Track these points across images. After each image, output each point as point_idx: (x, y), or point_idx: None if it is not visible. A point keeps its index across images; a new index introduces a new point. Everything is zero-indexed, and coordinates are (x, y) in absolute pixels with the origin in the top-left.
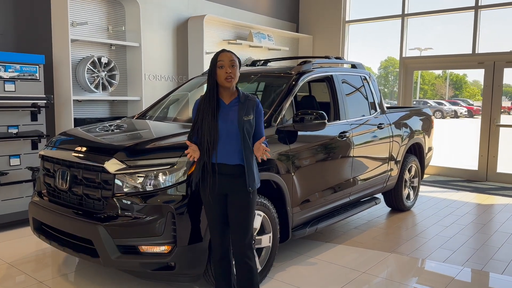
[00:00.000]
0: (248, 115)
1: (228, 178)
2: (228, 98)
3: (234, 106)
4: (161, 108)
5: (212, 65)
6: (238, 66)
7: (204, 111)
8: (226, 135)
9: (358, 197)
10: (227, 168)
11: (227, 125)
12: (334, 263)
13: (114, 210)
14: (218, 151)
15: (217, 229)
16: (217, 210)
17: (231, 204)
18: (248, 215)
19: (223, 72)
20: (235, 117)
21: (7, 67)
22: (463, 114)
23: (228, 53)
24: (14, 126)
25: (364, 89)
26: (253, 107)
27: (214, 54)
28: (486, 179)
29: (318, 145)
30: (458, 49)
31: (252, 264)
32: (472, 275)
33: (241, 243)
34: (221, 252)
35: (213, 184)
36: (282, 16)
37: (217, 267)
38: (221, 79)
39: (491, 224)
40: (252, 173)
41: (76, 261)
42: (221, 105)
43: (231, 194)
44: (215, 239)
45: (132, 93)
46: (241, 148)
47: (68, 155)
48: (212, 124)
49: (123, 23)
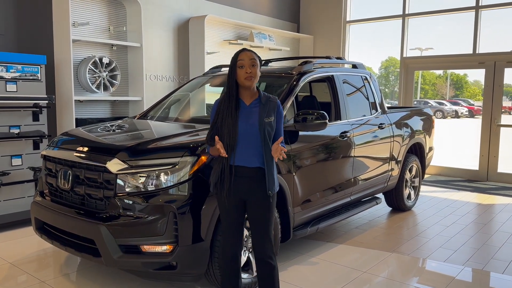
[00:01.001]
0: (269, 117)
1: (246, 181)
2: (249, 99)
3: (255, 107)
4: (163, 108)
5: (232, 65)
6: (259, 66)
7: (223, 112)
8: (245, 137)
9: (359, 197)
10: (246, 171)
11: (247, 126)
12: (335, 262)
13: (116, 209)
14: (237, 153)
15: (231, 233)
16: (233, 214)
17: (250, 208)
18: (269, 218)
19: (243, 71)
20: (256, 118)
21: (8, 68)
22: (464, 114)
23: (248, 52)
24: (16, 126)
25: (365, 89)
26: (274, 109)
27: (234, 54)
28: (486, 179)
29: (319, 145)
30: (459, 49)
31: (274, 263)
32: (473, 275)
33: (264, 244)
34: (230, 254)
35: (230, 187)
36: (283, 16)
37: (225, 269)
38: (241, 79)
39: (492, 224)
40: (272, 177)
41: (78, 261)
42: (241, 106)
43: (250, 198)
44: (227, 242)
45: (134, 93)
46: (261, 150)
47: (70, 155)
48: (232, 125)
49: (124, 24)
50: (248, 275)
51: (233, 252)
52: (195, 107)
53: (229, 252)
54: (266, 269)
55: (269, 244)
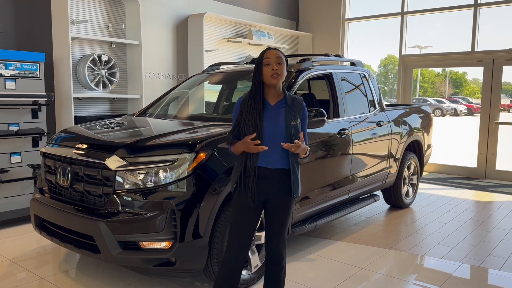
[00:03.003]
0: (295, 119)
1: (268, 182)
2: (274, 99)
3: (281, 108)
4: (161, 106)
5: (257, 63)
6: (285, 64)
7: (248, 111)
8: (269, 137)
9: (357, 194)
10: (268, 172)
11: (272, 127)
12: (334, 259)
13: (115, 206)
14: (260, 154)
15: (241, 235)
16: (249, 216)
17: (270, 209)
18: (287, 220)
19: (269, 69)
20: (281, 120)
21: (7, 65)
22: (463, 112)
23: (274, 50)
24: (15, 124)
25: (363, 87)
26: (300, 110)
27: (260, 53)
28: (485, 177)
29: (318, 142)
30: (458, 47)
31: (284, 264)
32: (470, 271)
33: (277, 245)
34: (233, 255)
35: (253, 188)
36: (282, 14)
37: (225, 268)
38: (267, 77)
39: (490, 221)
40: (297, 179)
41: (77, 257)
42: (266, 106)
43: (271, 199)
44: (234, 244)
45: (132, 91)
46: (284, 152)
47: (69, 152)
48: (256, 125)
49: (123, 21)
50: (246, 271)
51: (237, 259)
52: (194, 105)
53: (230, 256)
54: (276, 269)
55: (283, 245)
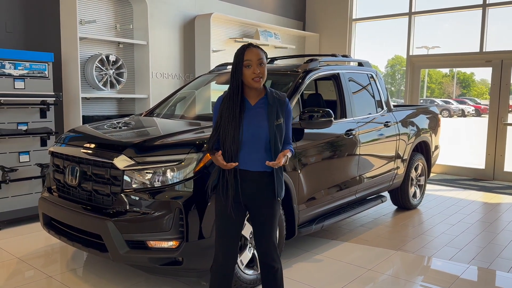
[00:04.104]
0: (278, 118)
1: (250, 186)
2: (255, 98)
3: (261, 108)
4: (169, 106)
5: (237, 63)
6: (266, 64)
7: (226, 113)
8: (251, 139)
9: (364, 195)
10: (250, 175)
11: (253, 128)
12: (340, 260)
13: (123, 205)
14: (241, 156)
15: (225, 240)
16: (230, 220)
17: (254, 213)
18: (274, 222)
19: (250, 72)
20: (263, 121)
21: (16, 65)
22: (471, 113)
23: (255, 49)
24: (24, 123)
25: (370, 87)
26: (282, 108)
27: (238, 50)
28: (493, 178)
29: (325, 143)
30: (466, 47)
31: (278, 266)
32: (478, 273)
33: (267, 248)
34: (222, 262)
35: (233, 192)
36: (288, 14)
37: (215, 277)
38: (248, 79)
39: (498, 223)
40: (281, 182)
41: (85, 256)
42: (247, 106)
43: (254, 203)
44: (220, 249)
45: (140, 91)
46: (267, 155)
47: (77, 152)
48: (236, 128)
49: (130, 21)
50: (253, 271)
51: (224, 262)
52: (200, 105)
53: (219, 262)
54: (270, 272)
55: (273, 247)
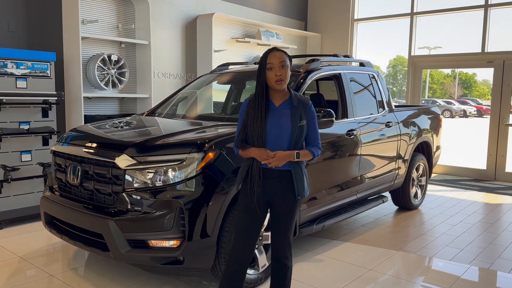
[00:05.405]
0: (301, 120)
1: (273, 183)
2: (279, 100)
3: (285, 109)
4: (170, 106)
5: (261, 66)
6: (289, 66)
7: (252, 114)
8: (274, 139)
9: (365, 195)
10: (273, 173)
11: (277, 129)
12: (341, 260)
13: (124, 205)
14: None
15: (246, 235)
16: (253, 216)
17: (275, 209)
18: (292, 221)
19: (272, 74)
20: (287, 122)
21: (19, 64)
22: (472, 114)
23: (277, 52)
24: (26, 122)
25: (372, 88)
26: (306, 111)
27: (263, 54)
28: (494, 179)
29: (326, 143)
30: (467, 47)
31: (290, 264)
32: (479, 274)
33: (283, 245)
34: (239, 255)
35: (258, 190)
36: (290, 14)
37: (230, 267)
38: (271, 82)
39: (499, 223)
40: (301, 181)
41: (86, 255)
42: (271, 107)
43: (275, 200)
44: (238, 244)
45: (142, 90)
46: None
47: (79, 151)
48: (261, 128)
49: (132, 21)
50: (254, 271)
51: (242, 258)
52: (202, 105)
53: (234, 258)
54: (282, 269)
55: (288, 245)
